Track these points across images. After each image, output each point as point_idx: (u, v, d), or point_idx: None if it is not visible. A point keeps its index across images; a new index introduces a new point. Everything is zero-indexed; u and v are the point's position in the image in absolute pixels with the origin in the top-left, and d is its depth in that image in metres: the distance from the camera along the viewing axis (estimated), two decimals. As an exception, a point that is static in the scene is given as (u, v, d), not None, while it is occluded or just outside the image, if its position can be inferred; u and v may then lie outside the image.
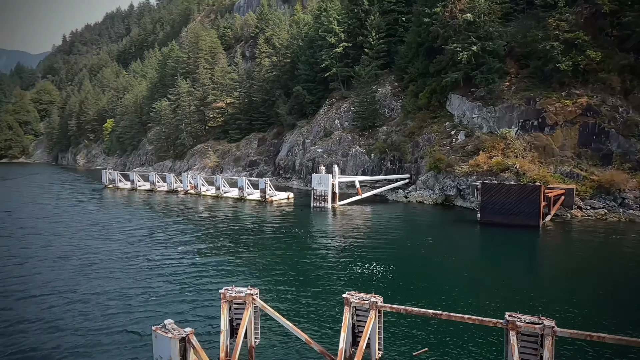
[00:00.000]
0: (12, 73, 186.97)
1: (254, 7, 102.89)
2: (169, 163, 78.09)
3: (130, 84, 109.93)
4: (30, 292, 16.95)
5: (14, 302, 16.02)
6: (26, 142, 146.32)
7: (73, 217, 34.64)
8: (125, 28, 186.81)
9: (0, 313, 14.96)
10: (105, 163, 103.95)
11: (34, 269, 20.14)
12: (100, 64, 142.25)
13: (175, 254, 22.42)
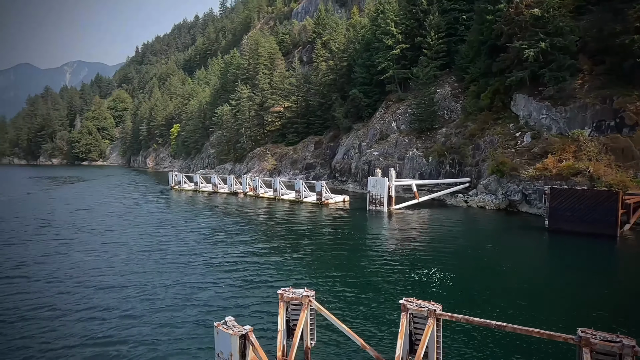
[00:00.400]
0: (92, 83, 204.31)
1: (311, 12, 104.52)
2: (229, 166, 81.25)
3: (194, 90, 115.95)
4: (108, 283, 18.39)
5: (94, 291, 17.47)
6: (103, 146, 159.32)
7: (143, 215, 37.15)
8: (191, 38, 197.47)
9: (82, 301, 16.37)
10: (171, 165, 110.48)
11: (111, 261, 21.83)
12: (168, 73, 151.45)
13: (236, 253, 23.27)
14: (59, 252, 24.23)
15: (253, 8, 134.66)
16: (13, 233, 29.99)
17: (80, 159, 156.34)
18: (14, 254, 24.06)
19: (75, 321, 14.66)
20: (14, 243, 26.86)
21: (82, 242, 26.71)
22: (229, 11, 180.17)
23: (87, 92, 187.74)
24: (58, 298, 16.87)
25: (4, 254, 23.97)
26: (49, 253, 24.08)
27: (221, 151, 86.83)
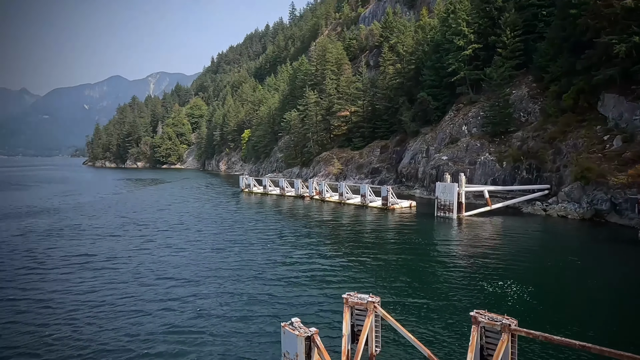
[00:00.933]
0: (173, 92, 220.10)
1: (378, 16, 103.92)
2: (296, 170, 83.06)
3: (264, 97, 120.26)
4: (185, 278, 19.62)
5: (172, 286, 18.72)
6: (181, 151, 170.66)
7: (216, 216, 39.18)
8: (261, 46, 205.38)
9: (161, 294, 17.62)
10: (242, 169, 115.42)
11: (188, 258, 23.28)
12: (240, 80, 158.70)
13: (302, 255, 23.69)
14: (142, 248, 26.33)
15: (321, 15, 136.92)
16: (103, 229, 33.12)
17: (160, 162, 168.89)
18: (105, 247, 26.56)
19: (156, 312, 15.81)
20: (104, 238, 29.65)
21: (161, 240, 28.80)
22: (297, 19, 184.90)
23: (168, 101, 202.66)
24: (141, 290, 18.31)
25: (97, 248, 26.55)
26: (133, 248, 26.26)
27: (289, 155, 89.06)
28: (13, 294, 18.18)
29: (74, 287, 19.02)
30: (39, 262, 23.43)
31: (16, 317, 15.63)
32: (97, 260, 23.48)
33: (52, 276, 20.74)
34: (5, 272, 21.59)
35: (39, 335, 14.12)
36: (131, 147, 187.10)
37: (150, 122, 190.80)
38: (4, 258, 24.40)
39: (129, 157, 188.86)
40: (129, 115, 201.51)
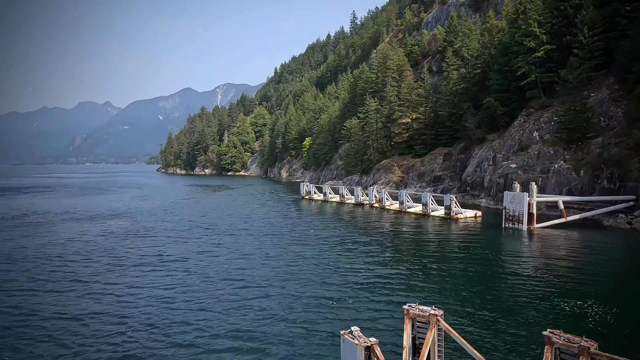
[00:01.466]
0: (238, 102, 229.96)
1: (442, 21, 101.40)
2: (356, 177, 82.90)
3: (325, 105, 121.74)
4: (249, 281, 20.29)
5: (238, 288, 19.43)
6: (245, 158, 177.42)
7: (278, 222, 40.15)
8: (323, 56, 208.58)
9: (228, 296, 18.36)
10: (302, 176, 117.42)
11: (252, 263, 24.07)
12: (302, 90, 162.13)
13: (362, 263, 23.54)
14: (209, 251, 27.65)
15: (382, 22, 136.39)
16: (174, 232, 35.24)
17: (226, 169, 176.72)
18: (176, 249, 28.25)
19: (221, 312, 16.50)
20: (176, 240, 31.53)
21: (228, 243, 30.05)
22: (358, 28, 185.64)
23: (233, 111, 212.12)
24: (209, 291, 19.20)
25: (169, 249, 28.30)
26: (202, 251, 27.65)
27: (349, 163, 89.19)
28: (98, 289, 19.87)
29: (149, 285, 20.41)
30: (118, 261, 25.44)
31: (102, 309, 17.07)
32: (170, 261, 25.03)
33: (130, 274, 22.42)
34: (92, 268, 23.69)
35: (119, 327, 15.29)
36: (199, 155, 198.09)
37: (217, 131, 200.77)
38: (90, 256, 26.78)
39: (197, 164, 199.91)
40: (198, 125, 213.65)
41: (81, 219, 44.19)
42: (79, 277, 22.04)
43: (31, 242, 31.91)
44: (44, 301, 18.45)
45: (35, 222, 42.54)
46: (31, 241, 32.14)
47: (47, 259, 26.26)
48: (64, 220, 43.79)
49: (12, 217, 46.60)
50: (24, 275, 22.64)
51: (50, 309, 17.45)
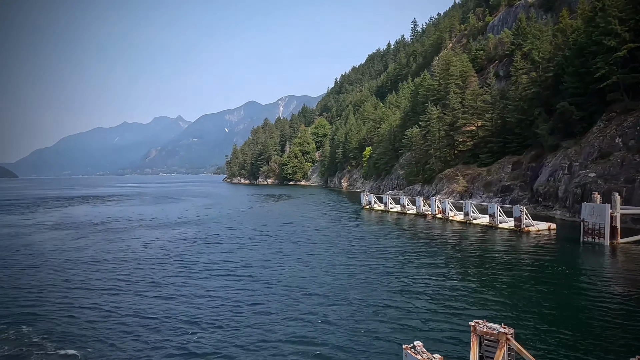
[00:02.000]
0: (299, 113, 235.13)
1: (509, 23, 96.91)
2: (417, 187, 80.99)
3: (385, 114, 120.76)
4: (311, 290, 20.52)
5: (301, 296, 19.72)
6: (306, 168, 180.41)
7: (338, 231, 40.26)
8: (383, 65, 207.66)
9: (291, 304, 18.69)
10: (363, 186, 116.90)
11: (313, 271, 24.34)
12: (362, 99, 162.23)
13: (424, 275, 22.87)
14: (272, 258, 28.38)
15: (444, 28, 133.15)
16: (239, 239, 36.62)
17: (287, 179, 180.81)
18: (240, 256, 29.33)
19: (285, 320, 16.81)
20: (240, 248, 32.74)
21: (289, 251, 30.67)
22: (419, 35, 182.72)
23: (295, 122, 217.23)
24: (272, 299, 19.68)
25: (234, 256, 29.45)
26: (266, 259, 28.45)
27: (410, 172, 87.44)
28: (171, 291, 21.15)
29: (216, 289, 21.37)
30: (188, 266, 26.91)
31: (174, 310, 18.14)
32: (235, 267, 26.05)
33: (199, 278, 23.61)
34: (165, 272, 25.28)
35: (190, 327, 16.14)
36: (262, 165, 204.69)
37: (279, 141, 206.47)
38: (163, 261, 28.61)
39: (260, 174, 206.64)
40: (261, 136, 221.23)
41: (155, 226, 47.38)
42: (154, 279, 23.60)
43: (113, 246, 34.76)
44: (124, 300, 19.97)
45: (115, 228, 46.31)
46: (113, 245, 35.01)
47: (126, 262, 28.44)
48: (140, 226, 47.20)
49: (96, 223, 51.10)
50: (108, 276, 24.69)
51: (130, 307, 18.83)
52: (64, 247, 34.54)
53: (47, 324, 17.14)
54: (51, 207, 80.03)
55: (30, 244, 36.81)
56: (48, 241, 37.87)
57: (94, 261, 28.91)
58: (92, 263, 28.36)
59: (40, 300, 20.34)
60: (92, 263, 28.36)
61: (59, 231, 44.42)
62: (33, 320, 17.58)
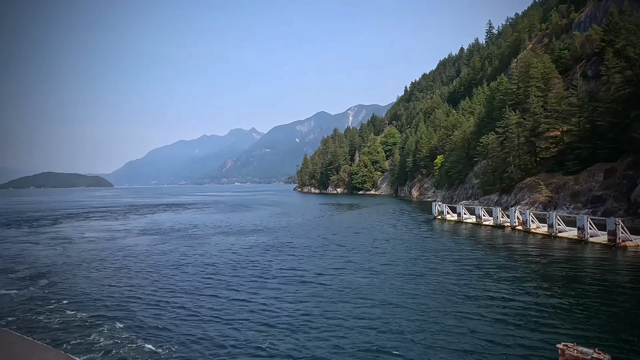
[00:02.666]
0: (368, 122, 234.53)
1: (598, 19, 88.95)
2: (494, 197, 76.60)
3: (458, 121, 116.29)
4: (379, 299, 20.25)
5: (372, 307, 19.54)
6: (375, 177, 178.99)
7: (409, 242, 39.32)
8: (455, 70, 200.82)
9: (357, 313, 18.58)
10: (434, 195, 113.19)
11: (382, 281, 24.00)
12: (433, 106, 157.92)
13: (505, 291, 21.49)
14: (343, 268, 28.47)
15: (523, 29, 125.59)
16: (311, 247, 37.22)
17: (357, 188, 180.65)
18: (314, 264, 29.81)
19: (359, 328, 16.73)
20: (311, 256, 33.24)
21: (359, 261, 30.55)
22: (495, 37, 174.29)
23: (364, 131, 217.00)
24: (344, 306, 19.72)
25: (305, 264, 29.97)
26: (337, 267, 28.66)
27: (485, 181, 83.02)
28: (245, 297, 22.07)
29: (289, 295, 21.92)
30: (261, 272, 27.88)
31: (249, 315, 18.90)
32: (307, 274, 26.52)
33: (271, 285, 24.35)
34: (239, 277, 26.44)
35: (264, 332, 16.70)
36: (332, 174, 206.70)
37: (349, 151, 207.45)
38: (237, 267, 29.94)
39: (330, 183, 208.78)
40: (331, 146, 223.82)
41: (230, 233, 49.79)
42: (229, 285, 24.78)
43: (192, 251, 37.12)
44: (205, 301, 21.21)
45: (195, 234, 49.41)
46: (192, 251, 37.38)
47: (203, 267, 30.19)
48: (217, 233, 49.88)
49: (178, 229, 54.91)
50: (189, 278, 26.41)
51: (207, 311, 19.92)
52: (151, 251, 37.56)
53: (137, 321, 18.69)
54: (140, 213, 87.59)
55: (122, 247, 40.53)
56: (137, 245, 41.43)
57: (177, 265, 31.07)
58: (175, 266, 30.51)
59: (131, 299, 22.25)
60: (175, 266, 30.51)
61: (146, 236, 48.41)
62: (124, 317, 19.26)
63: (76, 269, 30.50)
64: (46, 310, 20.55)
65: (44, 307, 21.02)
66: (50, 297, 23.08)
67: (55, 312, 20.23)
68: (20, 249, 40.80)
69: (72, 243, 43.97)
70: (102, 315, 19.63)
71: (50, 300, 22.44)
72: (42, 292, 24.04)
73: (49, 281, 26.87)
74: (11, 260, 34.27)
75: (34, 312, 20.26)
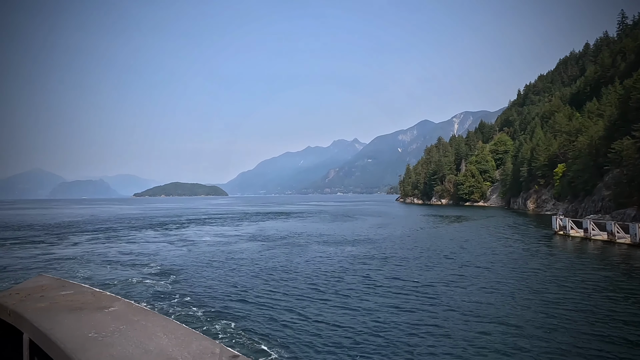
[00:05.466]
0: (476, 130, 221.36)
1: None
2: (631, 211, 66.32)
3: (584, 125, 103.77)
4: (498, 319, 18.89)
5: (489, 327, 18.36)
6: (484, 188, 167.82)
7: (525, 259, 35.99)
8: (579, 69, 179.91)
9: (472, 331, 17.56)
10: (554, 208, 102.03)
11: (498, 300, 22.35)
12: (552, 110, 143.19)
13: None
14: (451, 283, 27.16)
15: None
16: (416, 260, 36.20)
17: (463, 199, 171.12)
18: (420, 277, 28.96)
19: (471, 347, 15.82)
20: (419, 268, 32.33)
21: (471, 276, 28.86)
22: (629, 29, 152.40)
23: (471, 139, 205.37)
24: (454, 323, 18.79)
25: (413, 277, 29.26)
26: (444, 282, 27.43)
27: (620, 193, 72.30)
28: (352, 304, 22.28)
29: (395, 306, 21.56)
30: (365, 281, 27.91)
31: (352, 322, 19.05)
32: (412, 287, 25.84)
33: (377, 294, 24.23)
34: (344, 284, 26.82)
35: (370, 340, 16.69)
36: (436, 185, 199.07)
37: (454, 160, 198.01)
38: (342, 275, 30.37)
39: (433, 194, 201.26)
40: (435, 155, 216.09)
41: (333, 242, 50.79)
42: (337, 289, 25.23)
43: (298, 258, 38.70)
44: (313, 307, 21.89)
45: (299, 243, 51.43)
46: (298, 257, 38.98)
47: (311, 272, 31.22)
48: (322, 242, 51.27)
49: (280, 237, 57.73)
50: (296, 284, 27.55)
51: (317, 314, 20.52)
52: (259, 256, 40.11)
53: (250, 321, 20.06)
54: (252, 221, 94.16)
55: (234, 250, 43.97)
56: (247, 250, 44.56)
57: (284, 270, 32.66)
58: (282, 272, 32.09)
59: (242, 300, 23.97)
60: (282, 272, 32.09)
61: (254, 242, 51.83)
62: (238, 316, 20.80)
63: (198, 268, 33.93)
64: (172, 304, 23.16)
65: (169, 301, 23.75)
66: (175, 291, 26.03)
67: (177, 306, 22.69)
68: (156, 248, 46.81)
69: (195, 245, 49.06)
70: (217, 311, 21.50)
71: (175, 294, 25.31)
72: (169, 287, 27.20)
73: (176, 277, 30.32)
74: (148, 258, 39.45)
75: (160, 305, 22.98)
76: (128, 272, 32.71)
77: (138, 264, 36.24)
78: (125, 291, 26.04)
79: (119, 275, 31.35)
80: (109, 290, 25.74)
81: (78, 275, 31.27)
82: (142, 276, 31.02)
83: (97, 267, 35.01)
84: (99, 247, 47.82)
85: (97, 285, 27.03)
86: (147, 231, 69.29)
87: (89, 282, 28.52)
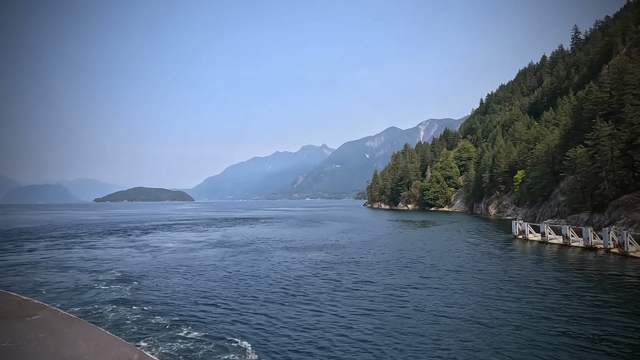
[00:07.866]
0: (441, 137, 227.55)
1: None
2: (584, 216, 69.93)
3: (541, 134, 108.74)
4: (466, 319, 19.34)
5: (457, 326, 18.77)
6: (449, 194, 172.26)
7: (487, 263, 37.15)
8: (537, 80, 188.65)
9: (442, 332, 17.91)
10: (514, 213, 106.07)
11: (464, 301, 22.91)
12: (512, 119, 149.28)
13: (613, 327, 19.42)
14: (419, 286, 27.64)
15: (615, 32, 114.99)
16: (383, 264, 36.65)
17: (429, 204, 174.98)
18: (387, 282, 29.33)
19: (439, 347, 16.10)
20: (387, 272, 32.71)
21: (436, 279, 29.46)
22: (582, 43, 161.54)
23: (436, 146, 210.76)
24: (424, 322, 19.09)
25: (380, 281, 29.57)
26: (412, 286, 27.87)
27: (574, 199, 76.14)
28: (319, 307, 22.25)
29: (369, 306, 21.69)
30: (333, 285, 27.97)
31: (320, 324, 19.03)
32: (380, 290, 26.07)
33: (343, 297, 24.33)
34: (313, 288, 26.74)
35: (334, 341, 16.70)
36: (403, 190, 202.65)
37: (420, 166, 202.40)
38: (310, 279, 30.31)
39: (400, 199, 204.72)
40: (402, 161, 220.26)
41: (301, 248, 50.71)
42: (306, 293, 25.13)
43: (265, 263, 38.34)
44: (285, 310, 21.72)
45: (266, 249, 51.01)
46: (264, 263, 38.62)
47: (278, 277, 30.97)
48: (289, 247, 51.07)
49: (248, 243, 57.06)
50: (265, 289, 27.26)
51: (282, 318, 20.36)
52: (226, 263, 39.45)
53: (210, 325, 19.64)
54: (218, 226, 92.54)
55: (200, 257, 43.06)
56: (214, 256, 43.77)
57: (252, 276, 32.27)
58: (251, 277, 31.70)
59: (206, 305, 23.47)
60: (251, 277, 31.70)
61: (220, 248, 50.99)
62: (198, 321, 20.34)
63: (160, 275, 32.98)
64: (132, 311, 22.38)
65: (129, 307, 22.95)
66: (136, 298, 25.19)
67: (139, 313, 21.95)
68: (118, 254, 45.15)
69: (159, 251, 47.67)
70: (178, 318, 20.96)
71: (136, 300, 24.49)
72: (130, 294, 26.29)
73: (138, 284, 29.34)
74: (109, 264, 37.97)
75: (118, 310, 22.15)
76: (85, 278, 31.37)
77: (98, 270, 34.87)
78: (76, 300, 24.86)
79: (74, 282, 29.99)
80: (60, 299, 24.57)
81: (27, 284, 29.60)
82: (100, 283, 29.84)
83: (52, 274, 33.40)
84: (56, 254, 45.70)
85: (47, 294, 25.80)
86: (109, 237, 66.81)
87: (38, 290, 27.13)
